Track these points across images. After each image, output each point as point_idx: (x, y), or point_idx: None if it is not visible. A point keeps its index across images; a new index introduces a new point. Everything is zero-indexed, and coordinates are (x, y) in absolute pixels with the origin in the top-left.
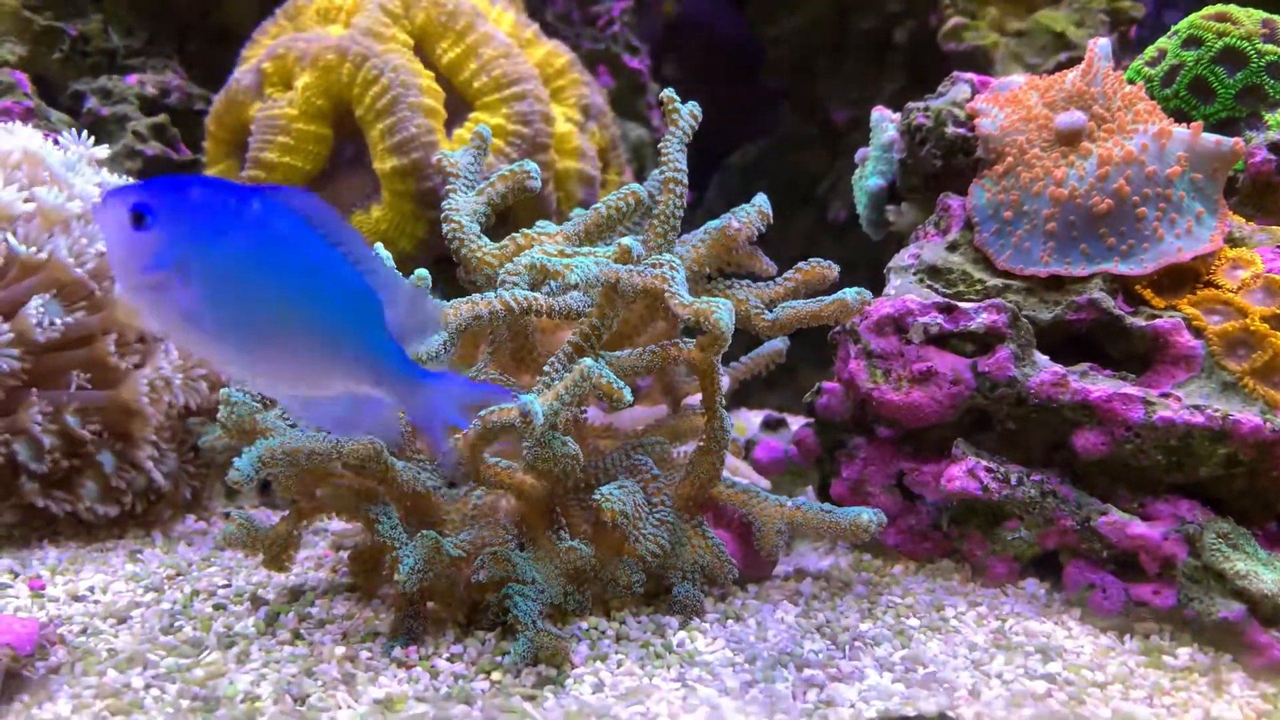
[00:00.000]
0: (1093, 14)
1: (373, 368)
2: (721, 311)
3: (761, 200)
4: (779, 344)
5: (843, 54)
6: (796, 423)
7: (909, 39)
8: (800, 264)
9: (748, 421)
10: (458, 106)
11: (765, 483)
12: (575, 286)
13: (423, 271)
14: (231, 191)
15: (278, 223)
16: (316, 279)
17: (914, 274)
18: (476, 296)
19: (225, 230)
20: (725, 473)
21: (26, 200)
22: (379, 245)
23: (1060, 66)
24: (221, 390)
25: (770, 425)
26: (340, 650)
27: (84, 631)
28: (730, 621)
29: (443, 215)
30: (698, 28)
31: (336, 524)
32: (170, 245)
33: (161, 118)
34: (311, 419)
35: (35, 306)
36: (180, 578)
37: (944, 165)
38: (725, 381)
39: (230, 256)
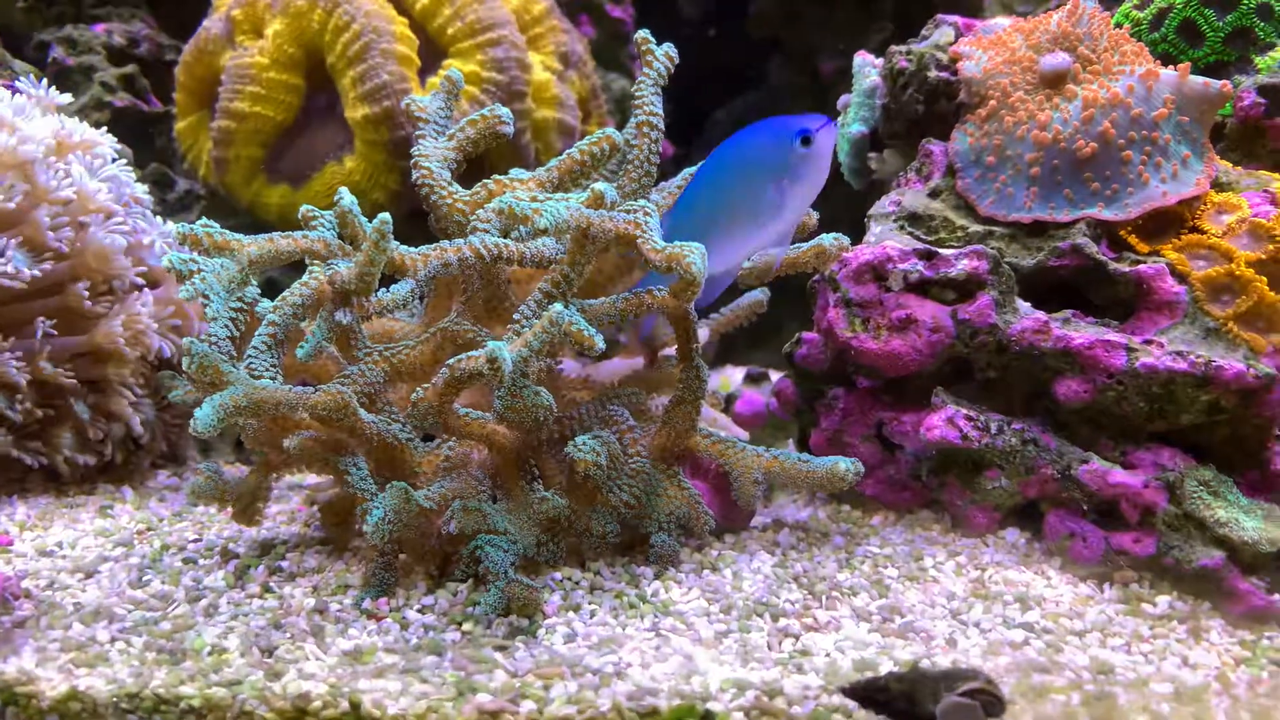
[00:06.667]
0: None
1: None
2: (694, 255)
3: None
4: (759, 295)
5: (831, 4)
6: (779, 377)
7: None
8: None
9: (732, 377)
10: (432, 54)
11: (744, 435)
12: (545, 231)
13: (385, 215)
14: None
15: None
16: None
17: (894, 221)
18: (445, 243)
19: None
20: (705, 425)
21: None
22: (344, 191)
23: (1055, 10)
24: (184, 340)
25: (752, 379)
26: (310, 603)
27: (50, 586)
28: (706, 571)
29: (412, 161)
30: None
31: (312, 478)
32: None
33: (131, 68)
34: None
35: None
36: (150, 532)
37: (927, 110)
38: (704, 333)
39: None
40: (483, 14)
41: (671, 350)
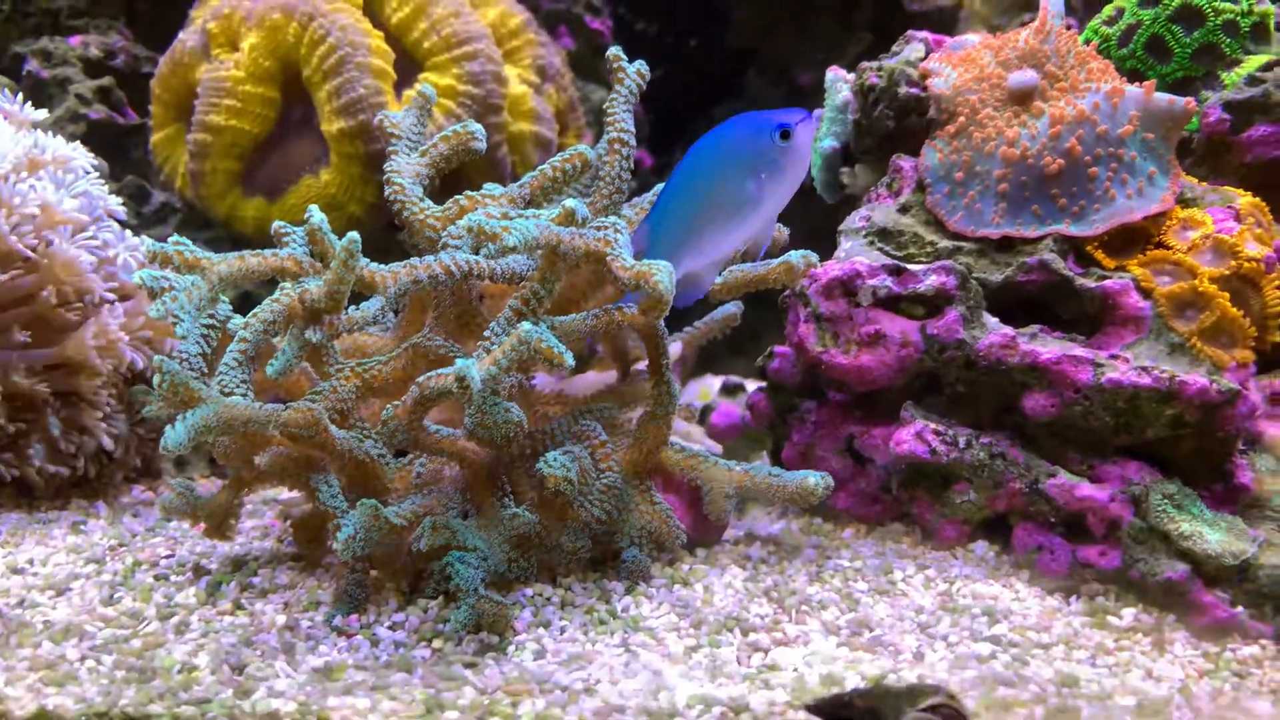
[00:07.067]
0: None
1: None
2: (662, 274)
3: None
4: (733, 308)
5: (809, 15)
6: (753, 389)
7: None
8: None
9: (711, 387)
10: (408, 67)
11: (717, 448)
12: (514, 249)
13: (354, 234)
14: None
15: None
16: None
17: (864, 236)
18: (415, 260)
19: None
20: (677, 438)
21: None
22: (314, 209)
23: (1024, 26)
24: (155, 358)
25: (728, 390)
26: (281, 619)
27: (20, 604)
28: (677, 586)
29: (385, 177)
30: None
31: (287, 493)
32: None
33: (106, 80)
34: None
35: None
36: (123, 549)
37: (897, 126)
38: (677, 347)
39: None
40: (459, 28)
41: (644, 364)
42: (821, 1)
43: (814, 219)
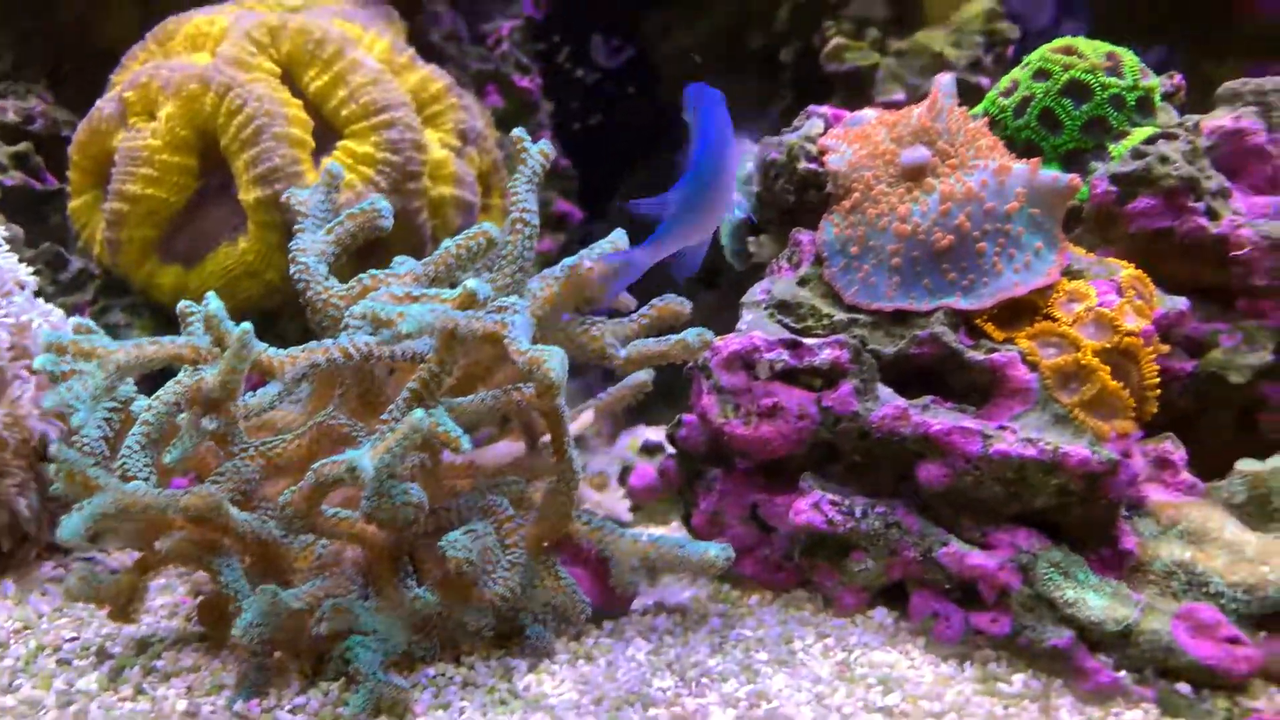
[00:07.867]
0: (970, 35)
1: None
2: (552, 361)
3: (617, 235)
4: (643, 376)
5: (735, 73)
6: (664, 456)
7: (795, 58)
8: (655, 301)
9: (641, 439)
10: (327, 135)
11: (627, 515)
12: (410, 335)
13: (247, 325)
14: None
15: None
16: None
17: (765, 309)
18: (314, 344)
19: None
20: (588, 508)
21: None
22: (211, 296)
23: (917, 104)
24: (51, 448)
25: (647, 450)
26: (182, 705)
27: None
28: (580, 661)
29: (290, 255)
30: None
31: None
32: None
33: (24, 146)
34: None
35: None
36: (27, 631)
37: (797, 200)
38: (589, 415)
39: None
40: (377, 96)
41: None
42: (747, 63)
43: (744, 278)
